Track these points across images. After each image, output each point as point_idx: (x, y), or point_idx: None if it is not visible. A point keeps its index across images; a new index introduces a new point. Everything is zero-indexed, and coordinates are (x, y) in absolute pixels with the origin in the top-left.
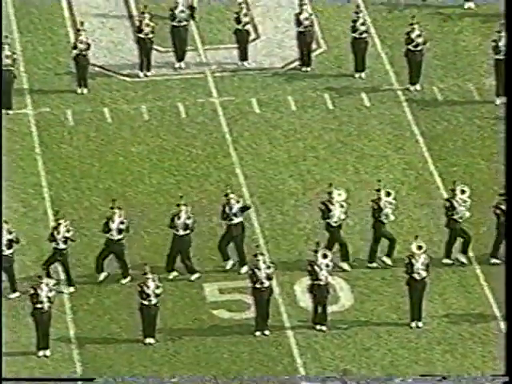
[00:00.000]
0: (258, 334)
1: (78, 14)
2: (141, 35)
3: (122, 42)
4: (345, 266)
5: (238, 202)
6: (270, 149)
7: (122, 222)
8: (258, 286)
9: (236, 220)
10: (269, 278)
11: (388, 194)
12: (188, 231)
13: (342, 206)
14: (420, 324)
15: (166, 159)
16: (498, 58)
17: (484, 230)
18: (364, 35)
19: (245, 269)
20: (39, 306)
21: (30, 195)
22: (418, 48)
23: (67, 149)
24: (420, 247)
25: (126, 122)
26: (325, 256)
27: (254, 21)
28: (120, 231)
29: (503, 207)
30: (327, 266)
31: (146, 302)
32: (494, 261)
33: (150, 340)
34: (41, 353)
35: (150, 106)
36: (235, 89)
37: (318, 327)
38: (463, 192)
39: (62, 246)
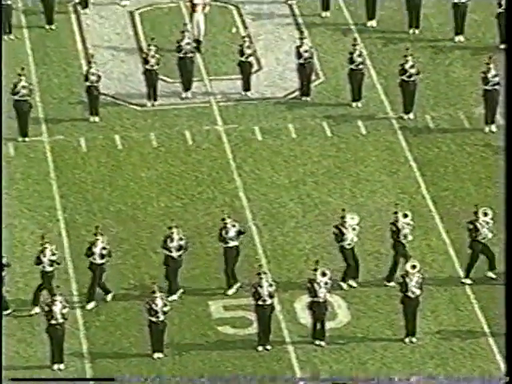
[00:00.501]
0: (260, 348)
1: (91, 47)
2: (147, 66)
3: (132, 73)
4: (353, 283)
5: (234, 226)
6: (271, 174)
7: (104, 248)
8: (260, 303)
9: (232, 243)
10: (271, 295)
11: (405, 216)
12: (181, 252)
13: (354, 230)
14: (414, 339)
15: (174, 183)
16: (486, 88)
17: None
18: (360, 66)
19: (232, 291)
20: (54, 322)
21: (45, 218)
22: (412, 79)
23: (80, 174)
24: (414, 267)
25: (135, 148)
26: (323, 274)
27: (256, 53)
28: (102, 256)
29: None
30: (326, 284)
31: (154, 319)
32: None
33: (158, 355)
34: (55, 366)
35: (158, 133)
36: (239, 117)
37: (316, 342)
38: (486, 214)
39: (48, 268)
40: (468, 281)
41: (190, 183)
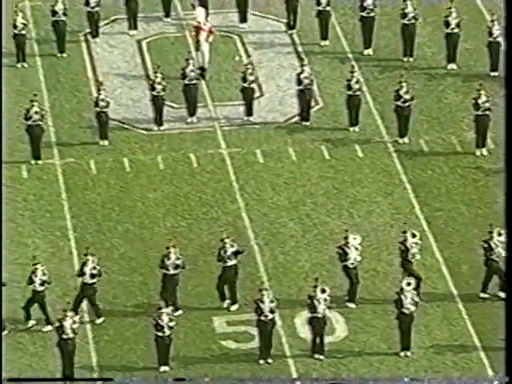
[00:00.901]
0: (261, 362)
1: (101, 75)
2: (154, 93)
3: (140, 99)
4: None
5: (232, 246)
6: (272, 195)
7: (94, 268)
8: (262, 318)
9: (230, 263)
10: (272, 311)
11: (413, 236)
12: (178, 270)
13: (357, 249)
14: (408, 353)
15: (179, 204)
16: (477, 113)
17: (465, 269)
18: (357, 93)
19: (235, 307)
20: (64, 336)
21: (57, 237)
22: (406, 104)
23: (90, 195)
24: (409, 284)
25: (143, 170)
26: (323, 291)
27: (258, 80)
28: (93, 276)
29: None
30: (325, 300)
31: (160, 334)
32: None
33: (164, 368)
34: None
35: (164, 156)
36: (241, 141)
37: (316, 356)
38: (500, 234)
39: (39, 288)
40: (485, 295)
41: (195, 204)
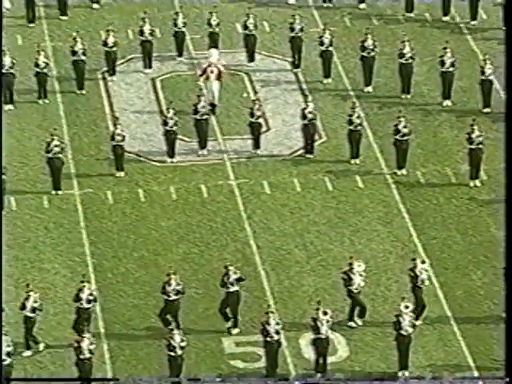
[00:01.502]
0: (268, 381)
1: (117, 110)
2: (167, 127)
3: (154, 133)
4: (359, 321)
5: (235, 273)
6: (278, 223)
7: (91, 294)
8: (268, 339)
9: (232, 289)
10: (277, 332)
11: (423, 262)
12: (179, 296)
13: (361, 275)
14: (406, 373)
15: (191, 232)
16: (471, 147)
17: (460, 293)
18: (358, 128)
19: (236, 331)
20: (82, 356)
21: (75, 263)
22: (404, 138)
23: (107, 223)
24: (407, 307)
25: (156, 200)
26: (325, 313)
27: (265, 115)
28: (89, 301)
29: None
30: (327, 321)
31: (172, 354)
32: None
33: None
34: None
35: (177, 187)
36: (249, 173)
37: (319, 375)
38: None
39: (30, 314)
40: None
41: (206, 232)
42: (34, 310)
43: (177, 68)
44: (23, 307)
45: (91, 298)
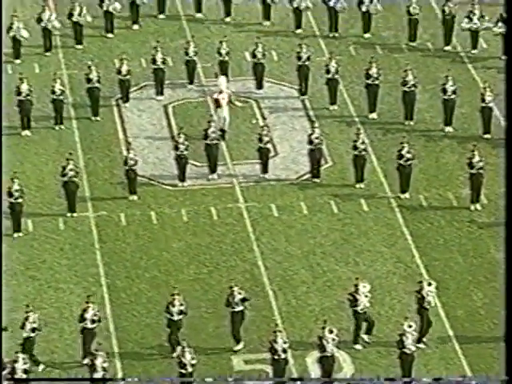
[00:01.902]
0: None
1: (130, 136)
2: (178, 152)
3: (165, 158)
4: (366, 338)
5: (239, 293)
6: (286, 245)
7: (95, 315)
8: (276, 357)
9: (237, 308)
10: (285, 351)
11: (429, 284)
12: (182, 316)
13: (366, 296)
14: None
15: (201, 253)
16: (471, 172)
17: (461, 313)
18: (363, 153)
19: (239, 346)
20: (96, 375)
21: (90, 283)
22: (408, 163)
23: (121, 245)
24: (410, 326)
25: (168, 222)
26: (331, 332)
27: (273, 141)
28: (93, 321)
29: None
30: (333, 340)
31: (183, 371)
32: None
33: None
34: None
35: (188, 209)
36: (258, 196)
37: None
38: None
39: (30, 334)
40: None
41: (215, 253)
42: (33, 329)
43: (188, 95)
44: (23, 327)
45: (95, 318)
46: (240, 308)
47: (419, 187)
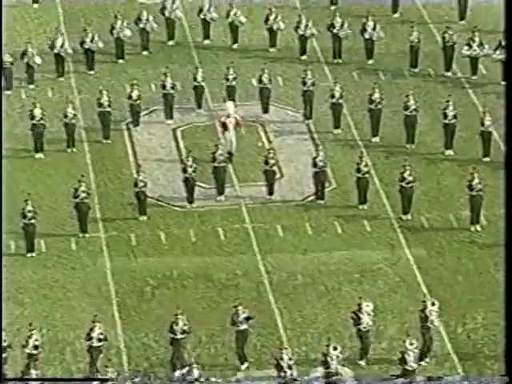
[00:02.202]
0: None
1: (140, 159)
2: (186, 175)
3: (175, 180)
4: (362, 362)
5: (244, 312)
6: (291, 264)
7: (101, 333)
8: (281, 374)
9: (242, 327)
10: (290, 367)
11: (433, 304)
12: (185, 335)
13: (369, 315)
14: None
15: (209, 272)
16: (471, 194)
17: (461, 331)
18: (366, 175)
19: (245, 365)
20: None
21: (101, 301)
22: (409, 185)
23: (131, 264)
24: (412, 344)
25: (177, 242)
26: (335, 349)
27: (279, 163)
28: (99, 340)
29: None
30: (337, 356)
31: None
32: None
33: None
34: None
35: (196, 230)
36: (264, 217)
37: None
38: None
39: (32, 351)
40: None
41: (223, 272)
42: (36, 347)
43: (196, 119)
44: (25, 345)
45: (101, 336)
46: (244, 326)
47: (421, 208)
